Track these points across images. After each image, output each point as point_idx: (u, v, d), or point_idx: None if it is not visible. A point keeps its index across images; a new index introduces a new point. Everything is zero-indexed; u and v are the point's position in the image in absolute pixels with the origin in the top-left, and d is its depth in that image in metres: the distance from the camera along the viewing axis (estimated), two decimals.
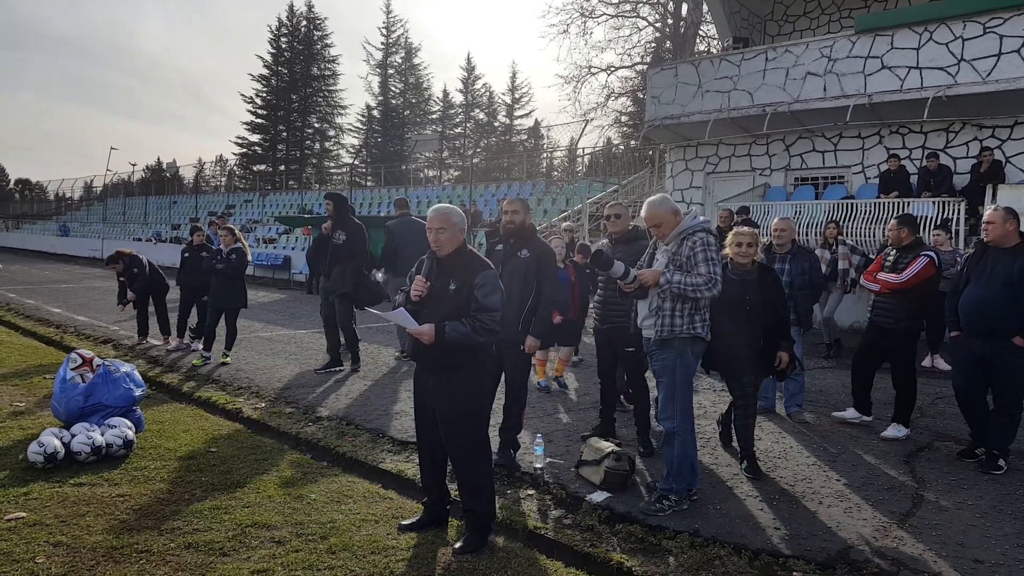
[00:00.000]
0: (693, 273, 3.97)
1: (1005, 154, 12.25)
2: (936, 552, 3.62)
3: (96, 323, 11.14)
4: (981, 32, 11.73)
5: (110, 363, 5.61)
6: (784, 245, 6.17)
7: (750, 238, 4.78)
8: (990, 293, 4.84)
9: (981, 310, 4.88)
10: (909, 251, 5.62)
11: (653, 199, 4.20)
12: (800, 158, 14.80)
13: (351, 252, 7.81)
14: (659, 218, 4.12)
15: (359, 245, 7.86)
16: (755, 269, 4.80)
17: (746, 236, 4.78)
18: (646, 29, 29.78)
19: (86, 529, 3.71)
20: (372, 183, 44.09)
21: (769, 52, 14.33)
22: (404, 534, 3.77)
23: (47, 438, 4.65)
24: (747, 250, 4.75)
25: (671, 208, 4.14)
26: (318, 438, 5.52)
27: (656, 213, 4.12)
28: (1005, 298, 4.78)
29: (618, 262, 4.11)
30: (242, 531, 3.74)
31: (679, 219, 4.13)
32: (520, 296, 4.78)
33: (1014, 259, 4.81)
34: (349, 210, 8.17)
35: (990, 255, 4.97)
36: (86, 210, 45.88)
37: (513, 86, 55.01)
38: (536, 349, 4.96)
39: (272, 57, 51.67)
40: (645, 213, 4.17)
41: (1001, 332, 4.81)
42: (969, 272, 5.07)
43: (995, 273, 4.86)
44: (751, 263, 4.79)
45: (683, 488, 4.13)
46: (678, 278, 3.96)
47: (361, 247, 7.88)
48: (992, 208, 5.03)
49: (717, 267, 4.00)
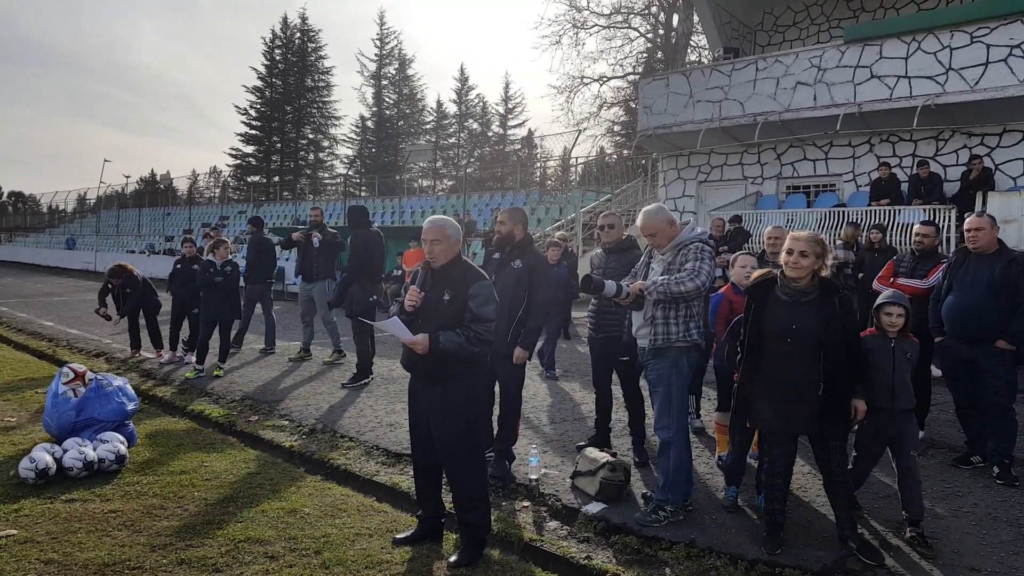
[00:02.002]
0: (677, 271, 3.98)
1: (994, 161, 12.36)
2: (932, 561, 3.62)
3: (89, 336, 11.08)
4: (968, 42, 11.85)
5: (102, 377, 5.58)
6: (779, 254, 6.20)
7: (808, 244, 3.64)
8: (973, 299, 4.88)
9: (965, 316, 4.91)
10: (929, 258, 5.63)
11: (649, 208, 4.21)
12: (791, 167, 14.89)
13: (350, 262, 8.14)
14: (654, 227, 4.12)
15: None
16: (815, 287, 3.69)
17: (802, 242, 3.66)
18: (637, 40, 29.96)
19: (78, 546, 3.67)
20: (366, 193, 44.10)
21: (759, 62, 14.44)
22: (399, 548, 3.74)
23: (38, 453, 4.62)
24: (801, 260, 3.63)
25: (667, 218, 4.14)
26: (312, 451, 5.49)
27: (651, 222, 4.12)
28: (988, 303, 4.82)
29: (608, 282, 4.11)
30: (235, 546, 3.71)
31: (675, 229, 4.13)
32: (510, 306, 4.77)
33: (994, 264, 4.87)
34: (359, 222, 8.29)
35: (971, 261, 5.02)
36: (79, 222, 45.71)
37: (506, 96, 55.15)
38: (524, 360, 4.93)
39: (266, 68, 51.73)
40: (641, 222, 4.17)
41: (985, 337, 4.84)
42: (951, 279, 5.10)
43: (977, 279, 4.91)
44: (811, 278, 3.69)
45: (679, 498, 4.12)
46: (663, 279, 3.95)
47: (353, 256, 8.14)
48: (977, 214, 5.07)
49: (703, 264, 3.98)
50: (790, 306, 3.67)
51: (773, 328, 3.69)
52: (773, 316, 3.71)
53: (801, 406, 3.64)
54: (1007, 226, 10.22)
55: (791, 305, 3.67)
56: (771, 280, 3.80)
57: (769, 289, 3.79)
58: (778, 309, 3.70)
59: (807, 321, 3.61)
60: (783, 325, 3.66)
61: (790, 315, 3.65)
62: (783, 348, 3.65)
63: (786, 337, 3.63)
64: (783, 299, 3.70)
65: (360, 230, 8.18)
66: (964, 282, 4.97)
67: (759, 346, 3.75)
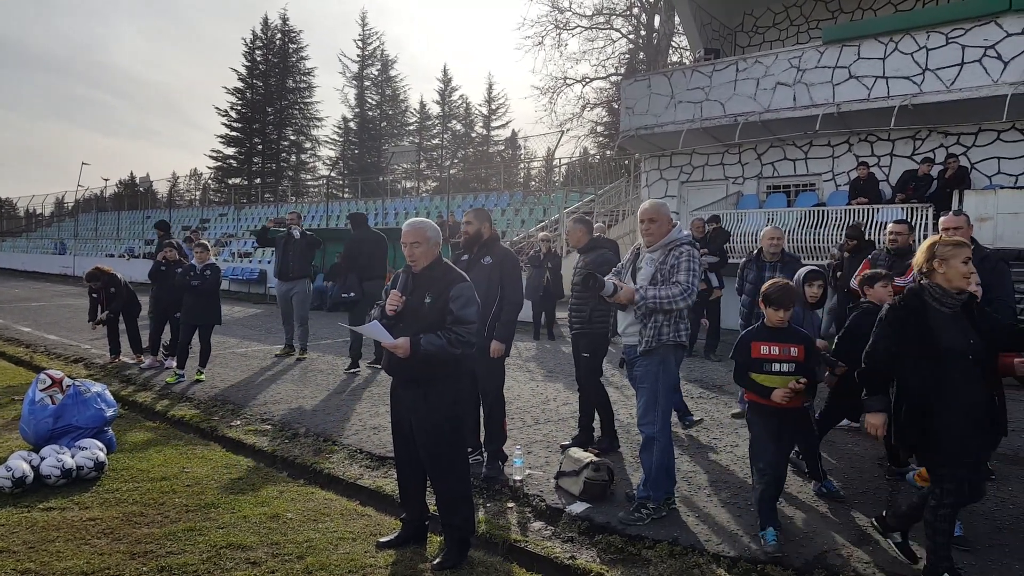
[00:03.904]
0: (669, 283, 4.00)
1: (970, 160, 12.54)
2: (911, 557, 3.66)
3: (67, 342, 10.93)
4: (944, 42, 12.02)
5: (80, 383, 5.50)
6: (776, 254, 6.31)
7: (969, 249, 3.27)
8: None
9: None
10: (904, 256, 5.70)
11: (656, 199, 4.32)
12: (772, 166, 15.02)
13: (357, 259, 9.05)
14: (659, 215, 4.14)
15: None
16: (963, 297, 3.28)
17: (966, 248, 3.27)
18: (620, 41, 30.12)
19: (55, 555, 3.62)
20: (349, 195, 43.90)
21: (740, 63, 14.55)
22: (382, 551, 3.73)
23: (15, 462, 4.55)
24: (963, 270, 3.22)
25: (669, 214, 4.23)
26: (294, 455, 5.46)
27: (657, 209, 4.16)
28: None
29: (607, 281, 4.12)
30: (217, 553, 3.68)
31: (669, 226, 4.18)
32: (484, 302, 4.82)
33: None
34: (359, 225, 9.28)
35: None
36: (57, 226, 45.11)
37: (490, 97, 55.15)
38: (502, 353, 4.98)
39: (247, 70, 51.36)
40: (646, 206, 4.20)
41: None
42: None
43: None
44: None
45: (661, 495, 4.14)
46: (652, 293, 4.00)
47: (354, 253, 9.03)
48: (954, 213, 5.12)
49: (695, 278, 4.03)
50: (953, 319, 3.24)
51: (955, 346, 3.19)
52: (945, 333, 3.22)
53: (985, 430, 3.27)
54: (983, 224, 10.39)
55: (954, 318, 3.24)
56: (919, 290, 3.35)
57: (923, 302, 3.31)
58: (944, 323, 3.24)
59: (973, 335, 3.23)
60: (960, 343, 3.19)
61: (961, 330, 3.22)
62: (969, 369, 3.18)
63: (967, 354, 3.17)
64: (946, 312, 3.25)
65: (359, 232, 9.13)
66: None
67: (939, 370, 3.21)
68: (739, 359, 3.99)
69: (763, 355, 3.90)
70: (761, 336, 3.97)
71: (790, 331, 3.98)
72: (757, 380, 3.91)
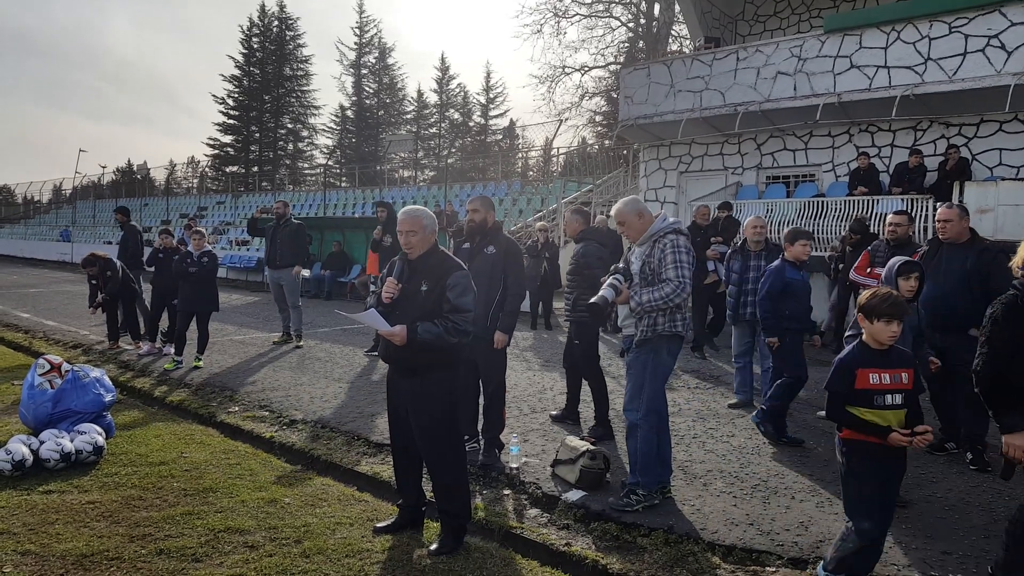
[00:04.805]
0: (660, 283, 4.01)
1: (971, 151, 12.50)
2: (905, 545, 3.69)
3: (66, 328, 10.93)
4: (947, 32, 11.95)
5: (79, 368, 5.52)
6: (760, 242, 6.36)
7: None
8: (946, 288, 4.97)
9: (938, 305, 4.99)
10: (903, 247, 5.71)
11: (624, 199, 4.32)
12: (772, 157, 14.97)
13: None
14: (622, 217, 4.21)
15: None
16: None
17: None
18: (619, 29, 29.94)
19: (55, 537, 3.64)
20: (347, 184, 43.77)
21: (740, 52, 14.47)
22: (379, 536, 3.75)
23: (15, 445, 4.57)
24: None
25: (635, 209, 4.22)
26: (292, 441, 5.47)
27: (620, 212, 4.24)
28: (960, 292, 4.91)
29: (603, 295, 4.08)
30: (215, 536, 3.70)
31: (644, 220, 4.18)
32: (488, 292, 4.82)
33: (967, 254, 4.96)
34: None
35: (944, 252, 5.11)
36: (55, 213, 44.96)
37: (488, 86, 54.90)
38: (505, 344, 4.98)
39: (244, 57, 51.02)
40: (613, 211, 4.30)
41: (958, 325, 4.93)
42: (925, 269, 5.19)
43: (950, 269, 5.00)
44: None
45: (651, 482, 4.15)
46: (646, 297, 4.01)
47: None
48: (947, 206, 5.15)
49: (686, 269, 4.03)
50: None
51: None
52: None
53: None
54: (984, 216, 10.36)
55: None
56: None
57: None
58: None
59: None
60: None
61: None
62: None
63: None
64: None
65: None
66: (937, 272, 5.06)
67: None
68: (838, 390, 3.11)
69: (872, 385, 3.05)
70: (868, 361, 3.10)
71: (897, 353, 3.17)
72: (863, 416, 3.05)
